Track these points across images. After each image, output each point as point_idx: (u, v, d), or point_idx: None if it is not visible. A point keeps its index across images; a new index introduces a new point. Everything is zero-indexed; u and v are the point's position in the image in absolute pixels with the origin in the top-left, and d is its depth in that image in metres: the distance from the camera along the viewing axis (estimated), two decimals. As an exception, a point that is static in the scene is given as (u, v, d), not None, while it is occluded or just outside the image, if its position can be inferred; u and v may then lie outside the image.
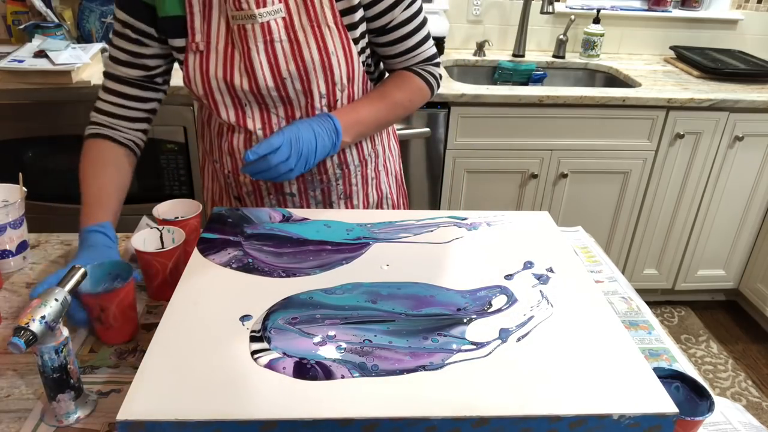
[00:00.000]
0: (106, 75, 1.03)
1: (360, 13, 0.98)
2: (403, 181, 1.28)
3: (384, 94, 1.06)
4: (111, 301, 0.80)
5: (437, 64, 1.11)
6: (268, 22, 0.93)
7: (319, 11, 0.95)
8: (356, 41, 0.99)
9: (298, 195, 1.10)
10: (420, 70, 1.09)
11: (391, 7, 0.99)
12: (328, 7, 0.95)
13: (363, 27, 1.00)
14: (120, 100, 1.03)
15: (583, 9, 2.49)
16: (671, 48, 2.52)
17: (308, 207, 1.11)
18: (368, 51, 1.04)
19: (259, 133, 1.01)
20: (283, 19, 0.94)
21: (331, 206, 1.12)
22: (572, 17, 2.43)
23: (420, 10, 1.03)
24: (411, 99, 1.08)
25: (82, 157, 1.02)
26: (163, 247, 0.93)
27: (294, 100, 0.99)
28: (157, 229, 0.93)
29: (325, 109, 1.01)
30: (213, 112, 1.02)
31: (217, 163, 1.10)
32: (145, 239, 0.91)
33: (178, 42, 0.97)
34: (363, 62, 1.03)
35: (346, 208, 1.14)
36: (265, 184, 1.08)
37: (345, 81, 1.00)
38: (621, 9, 2.54)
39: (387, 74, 1.13)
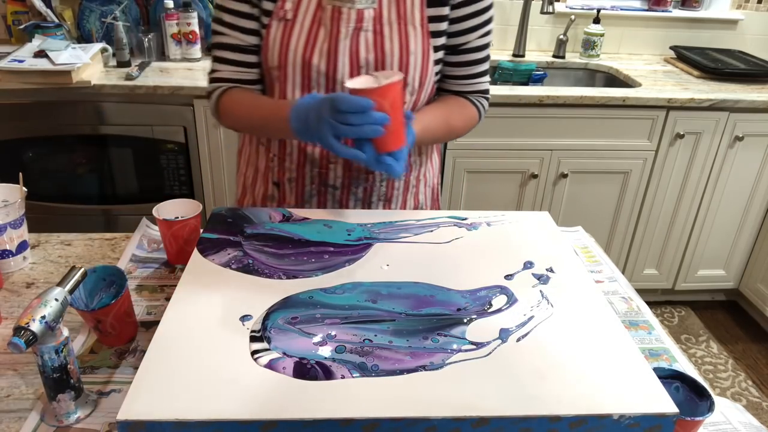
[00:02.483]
0: (220, 46, 1.02)
1: (445, 25, 0.99)
2: (439, 195, 1.27)
3: (448, 115, 1.06)
4: (106, 315, 0.80)
5: (487, 99, 1.12)
6: (362, 10, 0.95)
7: (408, 10, 0.97)
8: (436, 50, 1.00)
9: (341, 189, 1.09)
10: (476, 101, 1.10)
11: (470, 30, 1.00)
12: (418, 9, 0.97)
13: (444, 39, 1.01)
14: (236, 68, 1.03)
15: (583, 9, 2.49)
16: (671, 48, 2.52)
17: (347, 204, 1.10)
18: (441, 65, 1.05)
19: None
20: (374, 10, 0.96)
21: (369, 206, 1.12)
22: (572, 17, 2.43)
23: (489, 44, 1.05)
24: (464, 127, 1.09)
25: (227, 106, 1.02)
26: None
27: None
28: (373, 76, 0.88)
29: None
30: (277, 88, 1.01)
31: (263, 146, 1.09)
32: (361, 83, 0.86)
33: (268, 5, 0.97)
34: (436, 73, 1.04)
35: (384, 209, 1.13)
36: (309, 172, 1.07)
37: (416, 85, 1.00)
38: (621, 9, 2.54)
39: (438, 93, 1.11)
